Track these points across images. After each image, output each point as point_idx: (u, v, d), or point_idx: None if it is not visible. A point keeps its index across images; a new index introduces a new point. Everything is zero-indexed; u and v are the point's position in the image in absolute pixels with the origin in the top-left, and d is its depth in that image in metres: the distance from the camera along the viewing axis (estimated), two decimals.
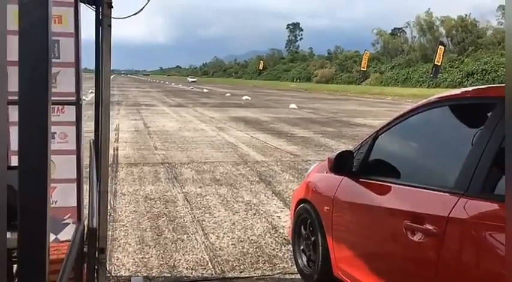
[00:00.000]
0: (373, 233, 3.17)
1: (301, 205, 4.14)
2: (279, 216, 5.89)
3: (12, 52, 3.00)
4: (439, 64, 54.95)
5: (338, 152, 3.47)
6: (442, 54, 54.56)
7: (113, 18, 3.18)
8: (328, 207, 3.62)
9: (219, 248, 4.74)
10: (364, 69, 71.46)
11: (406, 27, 77.26)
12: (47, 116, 0.87)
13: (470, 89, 3.08)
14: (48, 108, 0.87)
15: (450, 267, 2.42)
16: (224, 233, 5.20)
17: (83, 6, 3.33)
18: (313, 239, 3.88)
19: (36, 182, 0.88)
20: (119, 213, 5.82)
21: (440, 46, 55.15)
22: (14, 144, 3.50)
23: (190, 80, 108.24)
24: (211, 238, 5.03)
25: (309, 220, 3.96)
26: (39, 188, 0.88)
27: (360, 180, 3.28)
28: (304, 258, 4.06)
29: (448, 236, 2.40)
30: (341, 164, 3.39)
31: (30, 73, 0.85)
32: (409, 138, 3.35)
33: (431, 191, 2.62)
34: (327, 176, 3.73)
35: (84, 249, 2.21)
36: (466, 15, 65.22)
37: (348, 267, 3.38)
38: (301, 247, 4.12)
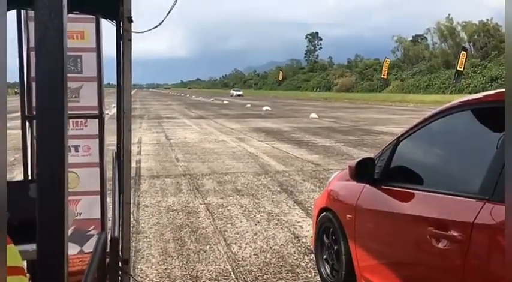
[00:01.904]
0: (397, 240, 3.13)
1: (323, 214, 4.12)
2: (301, 226, 5.86)
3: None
4: (462, 70, 54.19)
5: (359, 159, 3.42)
6: (464, 60, 53.82)
7: (133, 32, 3.24)
8: (350, 215, 3.59)
9: (242, 258, 4.73)
10: (385, 77, 70.94)
11: (427, 33, 76.66)
12: (64, 128, 0.88)
13: (492, 92, 2.95)
14: (64, 121, 0.89)
15: (476, 274, 2.38)
16: (246, 243, 5.19)
17: (103, 22, 3.41)
18: (336, 247, 3.85)
19: (54, 194, 0.89)
20: (142, 225, 5.88)
21: (462, 51, 54.45)
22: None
23: (236, 93, 78.76)
24: (233, 248, 5.03)
25: (331, 229, 3.93)
26: (57, 200, 0.90)
27: (382, 187, 3.23)
28: (328, 268, 4.03)
29: (473, 243, 2.35)
30: (362, 171, 3.35)
31: (46, 86, 0.87)
32: (431, 144, 3.28)
33: (455, 197, 2.56)
34: (349, 184, 3.71)
35: (107, 260, 2.24)
36: (488, 19, 64.33)
37: (372, 276, 3.34)
38: (324, 256, 4.09)
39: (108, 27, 3.42)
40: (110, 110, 15.53)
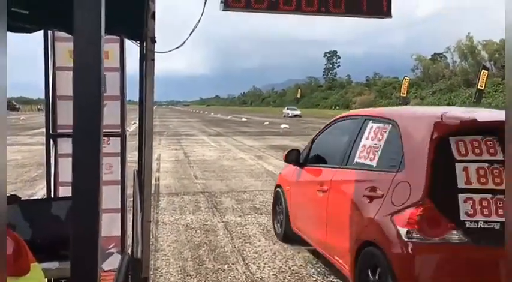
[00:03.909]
0: (308, 197, 5.21)
1: (276, 189, 6.42)
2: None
3: (62, 87, 3.16)
4: (483, 88, 53.49)
5: (288, 150, 5.98)
6: (485, 79, 53.15)
7: (156, 52, 3.29)
8: (288, 186, 5.91)
9: (260, 279, 4.68)
10: (405, 95, 70.38)
11: (447, 52, 76.16)
12: (100, 148, 0.90)
13: (352, 111, 5.65)
14: (100, 141, 0.91)
15: (332, 208, 4.48)
16: (265, 263, 5.15)
17: (127, 42, 3.48)
18: (281, 209, 6.07)
19: (89, 213, 0.91)
20: (161, 243, 5.88)
21: (483, 70, 53.79)
22: (62, 176, 3.62)
23: (291, 112, 61.05)
24: (252, 268, 4.99)
25: (280, 198, 6.15)
26: (92, 219, 0.91)
27: (305, 167, 5.55)
28: (278, 224, 6.20)
29: (331, 191, 4.55)
30: (288, 156, 5.82)
31: (85, 107, 0.89)
32: (327, 140, 5.50)
33: (331, 168, 4.78)
34: (289, 167, 6.09)
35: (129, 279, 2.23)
36: None
37: (296, 222, 5.60)
38: (277, 217, 6.28)
39: (130, 47, 3.49)
40: (130, 127, 15.71)
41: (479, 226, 3.19)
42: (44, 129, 3.69)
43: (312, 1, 3.21)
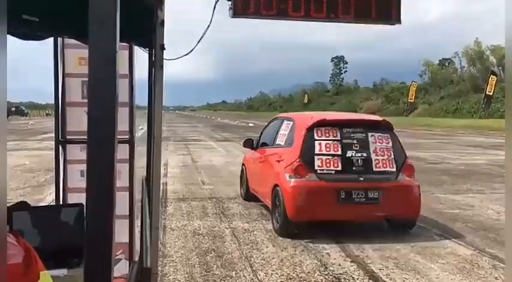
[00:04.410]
0: (256, 168, 8.25)
1: (242, 166, 9.40)
2: (328, 253, 5.75)
3: (71, 94, 3.16)
4: (491, 94, 53.14)
5: (245, 139, 9.38)
6: (494, 84, 52.81)
7: (165, 59, 3.29)
8: (247, 163, 9.09)
9: None
10: (412, 101, 70.09)
11: (455, 57, 75.72)
12: (114, 155, 0.91)
13: (278, 115, 9.46)
14: (115, 147, 0.91)
15: (264, 170, 7.77)
16: (273, 270, 5.12)
17: (136, 49, 3.48)
18: (243, 178, 9.12)
19: (103, 220, 0.91)
20: (168, 249, 5.87)
21: (492, 76, 53.46)
22: (71, 182, 3.63)
23: None
24: (259, 275, 4.97)
25: (243, 171, 9.22)
26: (105, 226, 0.91)
27: (257, 150, 8.56)
28: (242, 188, 9.23)
29: (264, 161, 7.83)
30: (246, 144, 9.04)
31: (100, 114, 0.90)
32: (268, 133, 8.54)
33: (267, 148, 8.12)
34: (250, 151, 9.03)
35: None
36: None
37: (252, 184, 8.50)
38: (241, 184, 9.28)
39: (139, 53, 3.49)
40: (137, 132, 15.75)
41: (323, 172, 6.43)
42: (51, 135, 3.70)
43: (321, 8, 3.20)
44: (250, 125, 53.39)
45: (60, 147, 3.61)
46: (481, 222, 7.58)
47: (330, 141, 6.47)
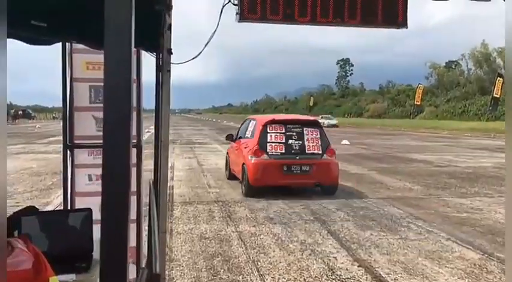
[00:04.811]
0: (234, 154, 11.79)
1: (226, 155, 13.06)
2: (335, 257, 5.73)
3: (78, 98, 3.17)
4: (498, 96, 52.85)
5: (227, 134, 13.24)
6: (501, 86, 52.52)
7: (172, 63, 3.30)
8: (229, 152, 12.66)
9: None
10: (419, 103, 69.90)
11: (461, 59, 75.53)
12: (130, 159, 0.93)
13: (249, 116, 13.63)
14: (130, 151, 0.93)
15: (237, 155, 11.22)
16: (280, 274, 5.11)
17: (144, 53, 3.50)
18: (227, 163, 12.61)
19: (119, 222, 0.93)
20: (175, 253, 5.87)
21: (498, 78, 53.18)
22: (78, 186, 3.64)
23: (327, 121, 50.73)
24: (266, 279, 4.95)
25: (227, 159, 12.80)
26: (121, 228, 0.93)
27: (235, 141, 11.89)
28: (226, 171, 12.61)
29: (238, 149, 11.17)
30: (228, 137, 12.77)
31: (115, 119, 0.91)
32: (243, 129, 11.76)
33: (241, 140, 11.35)
34: (231, 143, 12.47)
35: None
36: None
37: (232, 167, 11.94)
38: (226, 168, 12.70)
39: (147, 58, 3.50)
40: (144, 135, 15.79)
41: (273, 154, 9.77)
42: (58, 138, 3.71)
43: (327, 12, 3.20)
44: None
45: (68, 152, 3.62)
46: (489, 225, 7.53)
47: (278, 134, 9.93)
